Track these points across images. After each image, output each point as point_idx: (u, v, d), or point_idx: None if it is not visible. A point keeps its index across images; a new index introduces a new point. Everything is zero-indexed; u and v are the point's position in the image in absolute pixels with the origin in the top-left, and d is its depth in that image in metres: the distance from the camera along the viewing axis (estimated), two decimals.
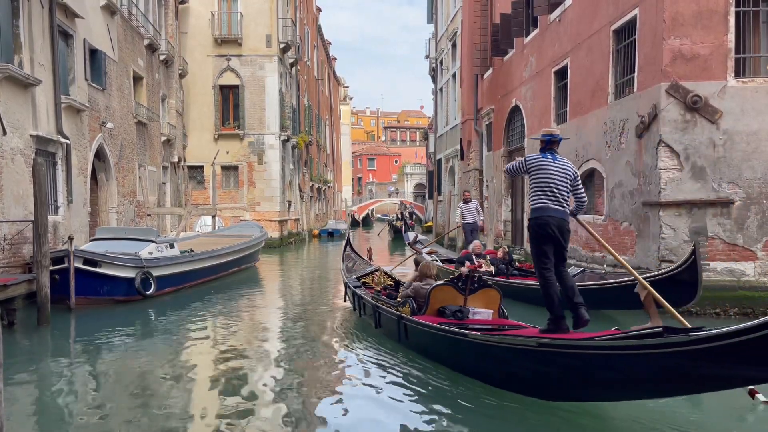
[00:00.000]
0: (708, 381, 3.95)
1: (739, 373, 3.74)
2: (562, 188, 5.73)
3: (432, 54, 30.94)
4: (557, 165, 5.78)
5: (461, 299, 6.70)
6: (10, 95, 10.50)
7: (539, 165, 5.79)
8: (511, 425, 4.81)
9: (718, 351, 3.61)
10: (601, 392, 4.62)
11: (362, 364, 6.67)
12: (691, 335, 3.76)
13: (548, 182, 5.71)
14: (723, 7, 9.23)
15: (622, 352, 4.12)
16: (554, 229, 5.64)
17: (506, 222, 18.21)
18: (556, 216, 5.65)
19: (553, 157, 5.82)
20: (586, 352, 4.34)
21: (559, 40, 13.59)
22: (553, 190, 5.70)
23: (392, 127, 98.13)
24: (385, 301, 7.73)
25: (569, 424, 4.72)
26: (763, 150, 9.18)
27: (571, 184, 5.82)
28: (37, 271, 9.15)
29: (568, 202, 5.78)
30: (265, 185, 26.23)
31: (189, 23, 25.57)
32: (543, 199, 5.72)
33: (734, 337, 3.53)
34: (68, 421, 5.07)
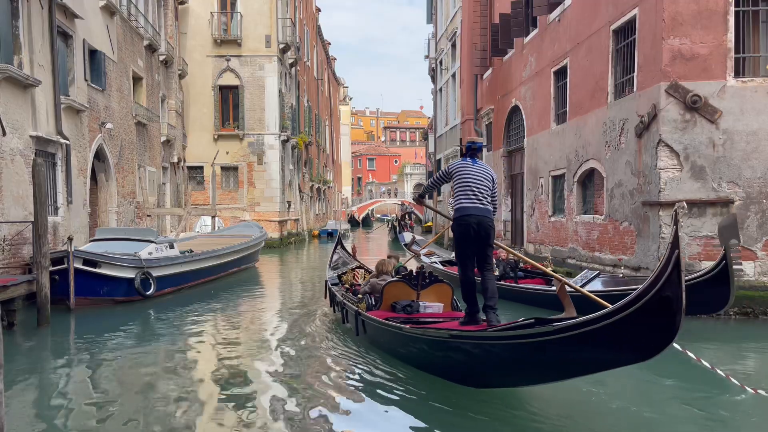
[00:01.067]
0: (579, 364, 4.31)
1: (600, 356, 4.13)
2: (483, 189, 5.96)
3: (431, 54, 30.96)
4: (477, 168, 6.07)
5: (414, 294, 7.03)
6: (10, 96, 10.50)
7: (459, 169, 6.09)
8: (442, 412, 5.05)
9: (579, 338, 3.99)
10: (505, 378, 5.03)
11: (328, 358, 6.95)
12: (555, 325, 4.13)
13: (468, 184, 5.97)
14: (722, 7, 9.23)
15: (503, 341, 4.58)
16: (475, 227, 5.86)
17: (506, 222, 18.22)
18: (477, 214, 5.87)
19: (473, 161, 6.13)
20: (479, 342, 4.83)
21: (559, 40, 13.60)
22: (473, 190, 5.94)
23: (392, 128, 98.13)
24: (350, 298, 8.01)
25: (496, 411, 5.02)
26: (762, 149, 9.19)
27: (491, 187, 6.05)
28: (37, 272, 9.15)
29: (488, 202, 6.00)
30: (265, 186, 26.22)
31: (188, 24, 25.58)
32: (463, 200, 5.95)
33: (589, 325, 3.92)
34: (68, 422, 5.07)
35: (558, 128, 13.79)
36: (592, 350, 4.09)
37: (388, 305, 7.05)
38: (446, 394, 5.33)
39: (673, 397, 5.57)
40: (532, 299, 9.79)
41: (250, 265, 17.40)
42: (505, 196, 18.15)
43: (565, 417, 5.05)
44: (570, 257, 12.77)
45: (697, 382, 6.01)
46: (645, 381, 5.91)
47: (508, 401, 5.17)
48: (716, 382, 5.79)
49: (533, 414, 5.03)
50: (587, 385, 5.53)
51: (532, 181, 15.60)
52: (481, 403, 5.09)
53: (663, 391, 5.74)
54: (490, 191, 6.02)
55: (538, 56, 15.00)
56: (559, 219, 13.71)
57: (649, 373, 6.01)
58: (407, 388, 5.65)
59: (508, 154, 17.98)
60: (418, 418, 4.98)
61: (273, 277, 16.93)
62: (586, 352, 4.12)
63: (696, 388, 5.84)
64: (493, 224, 6.03)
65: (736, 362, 7.04)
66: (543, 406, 5.19)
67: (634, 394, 5.70)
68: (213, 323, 9.63)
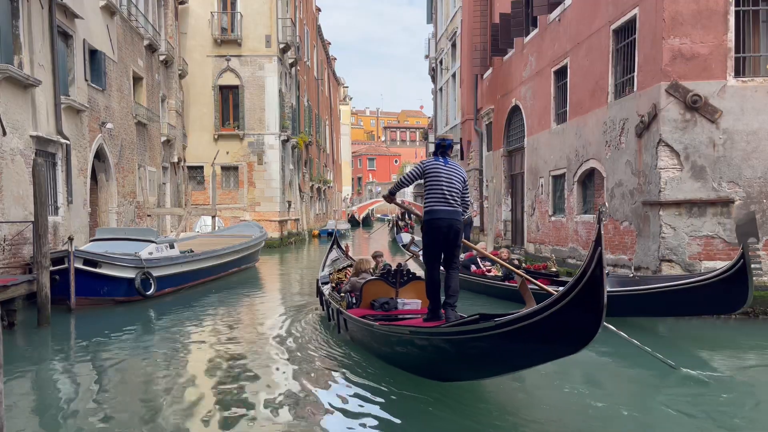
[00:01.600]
0: (521, 357, 4.62)
1: (536, 349, 4.39)
2: (454, 191, 6.04)
3: (432, 54, 30.95)
4: (448, 169, 6.11)
5: (393, 292, 7.28)
6: (10, 96, 10.51)
7: (432, 169, 6.11)
8: (409, 406, 5.28)
9: (517, 332, 4.27)
10: (460, 372, 5.25)
11: (311, 356, 7.08)
12: (496, 321, 4.41)
13: (440, 185, 6.03)
14: (723, 7, 9.23)
15: (452, 336, 4.85)
16: (445, 229, 5.99)
17: (506, 222, 18.22)
18: (446, 217, 5.98)
19: (445, 161, 6.17)
20: (433, 337, 5.07)
21: (559, 39, 13.60)
22: (444, 193, 6.01)
23: (392, 127, 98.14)
24: (334, 297, 8.17)
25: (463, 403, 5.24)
26: (763, 149, 9.18)
27: (461, 188, 6.13)
28: (37, 272, 9.15)
29: (458, 203, 6.08)
30: (265, 185, 26.23)
31: (188, 24, 25.57)
32: (433, 203, 6.04)
33: (525, 320, 4.21)
34: (68, 422, 5.07)
35: (558, 128, 13.79)
36: (530, 344, 4.34)
37: (367, 303, 7.22)
38: (416, 388, 5.54)
39: (611, 376, 6.34)
40: (539, 300, 9.69)
41: (250, 265, 17.40)
42: (505, 195, 18.15)
43: (524, 407, 5.37)
44: (570, 257, 12.77)
45: (636, 364, 6.60)
46: (583, 363, 6.44)
47: (471, 394, 5.41)
48: (652, 363, 6.24)
49: (491, 405, 5.31)
50: (545, 373, 5.97)
51: (532, 181, 15.60)
52: (445, 397, 5.30)
53: (602, 372, 6.54)
54: (461, 192, 6.10)
55: (539, 56, 15.00)
56: (559, 219, 13.71)
57: (591, 356, 6.72)
58: (380, 383, 5.82)
59: (509, 154, 17.98)
60: (387, 412, 5.14)
61: (273, 277, 16.93)
62: (524, 345, 4.38)
63: (633, 368, 6.54)
64: (462, 226, 6.16)
65: (734, 361, 7.04)
66: (502, 397, 5.52)
67: (576, 376, 6.28)
68: (213, 323, 9.63)
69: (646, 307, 8.19)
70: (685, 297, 7.68)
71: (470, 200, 6.41)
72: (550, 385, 5.89)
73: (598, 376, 6.47)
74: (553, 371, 6.03)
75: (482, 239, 19.77)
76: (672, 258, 9.32)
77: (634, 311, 8.21)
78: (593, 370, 6.56)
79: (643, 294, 8.12)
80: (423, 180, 6.17)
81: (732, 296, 7.36)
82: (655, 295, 7.98)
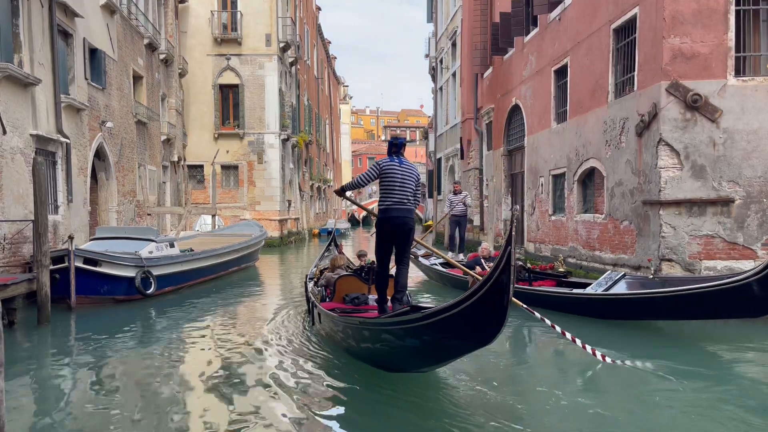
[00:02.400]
0: (447, 348, 4.90)
1: (457, 340, 4.71)
2: (407, 191, 6.28)
3: (432, 53, 30.92)
4: (403, 169, 6.35)
5: (365, 288, 7.58)
6: (10, 94, 10.50)
7: (388, 169, 6.32)
8: (365, 397, 5.58)
9: (439, 324, 4.58)
10: (399, 362, 5.52)
11: (287, 348, 7.37)
12: (422, 312, 4.75)
13: (394, 184, 6.26)
14: (723, 6, 9.22)
15: (389, 327, 5.16)
16: (398, 228, 6.25)
17: (506, 221, 18.21)
18: (400, 215, 6.25)
19: (399, 161, 6.40)
20: (374, 328, 5.42)
21: (559, 39, 13.59)
22: (397, 192, 6.25)
23: (392, 126, 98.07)
24: (314, 292, 8.38)
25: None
26: (763, 149, 9.18)
27: (414, 187, 6.39)
28: (37, 271, 9.15)
29: (412, 202, 6.36)
30: (265, 184, 26.23)
31: (189, 22, 25.56)
32: (387, 202, 6.28)
33: (444, 313, 4.51)
34: (69, 420, 5.08)
35: (558, 127, 13.79)
36: (450, 335, 4.65)
37: (340, 297, 7.54)
38: (371, 380, 5.80)
39: (541, 366, 6.69)
40: (549, 302, 9.00)
41: (250, 264, 17.40)
42: (505, 195, 18.15)
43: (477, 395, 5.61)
44: (570, 256, 12.77)
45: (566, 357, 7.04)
46: (506, 352, 7.06)
47: (421, 388, 5.60)
48: (581, 354, 6.36)
49: (443, 398, 5.49)
50: (496, 360, 6.62)
51: (532, 180, 15.60)
52: (397, 389, 5.53)
53: (529, 363, 6.94)
54: (413, 190, 6.37)
55: (539, 55, 14.99)
56: (559, 218, 13.71)
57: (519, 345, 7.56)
58: (342, 374, 6.15)
59: (509, 153, 17.97)
60: (341, 404, 5.41)
61: (272, 276, 16.93)
62: (445, 337, 4.69)
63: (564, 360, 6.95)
64: (414, 224, 6.42)
65: (733, 361, 7.04)
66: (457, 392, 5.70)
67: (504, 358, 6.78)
68: (213, 322, 9.63)
69: (670, 311, 7.74)
70: (714, 299, 7.19)
71: (420, 197, 6.53)
72: (517, 382, 6.20)
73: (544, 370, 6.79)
74: (515, 367, 6.57)
75: (482, 238, 19.77)
76: (672, 257, 9.32)
77: (657, 314, 7.90)
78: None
79: (666, 297, 7.64)
80: (379, 180, 6.39)
81: (758, 302, 6.90)
82: (680, 298, 7.48)
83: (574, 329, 7.69)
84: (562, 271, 10.24)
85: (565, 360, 7.19)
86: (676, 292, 7.53)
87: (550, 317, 6.73)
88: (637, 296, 8.04)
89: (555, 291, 9.40)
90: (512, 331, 8.31)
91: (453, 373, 6.04)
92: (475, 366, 6.33)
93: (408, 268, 6.57)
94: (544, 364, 7.15)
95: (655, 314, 7.99)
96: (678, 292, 7.51)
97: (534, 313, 6.40)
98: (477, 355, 6.09)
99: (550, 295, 9.27)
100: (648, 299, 7.89)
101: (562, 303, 8.97)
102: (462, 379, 5.94)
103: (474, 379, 5.95)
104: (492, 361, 6.70)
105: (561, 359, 7.26)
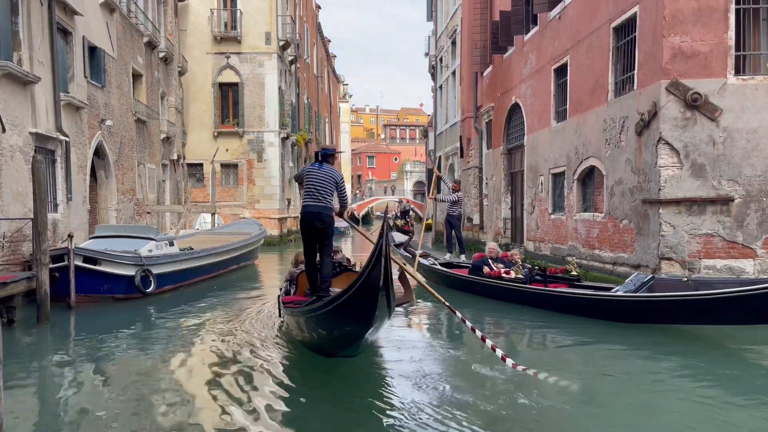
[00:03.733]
0: (346, 331, 5.74)
1: (347, 327, 5.64)
2: (323, 191, 7.09)
3: (432, 52, 30.92)
4: (322, 172, 7.19)
5: None
6: (10, 93, 10.49)
7: (308, 173, 7.27)
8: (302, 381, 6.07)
9: (330, 313, 5.49)
10: (324, 346, 6.25)
11: (256, 341, 7.67)
12: (322, 301, 5.71)
13: (313, 185, 7.10)
14: (723, 5, 9.22)
15: (301, 316, 6.22)
16: (314, 222, 7.02)
17: (506, 220, 18.22)
18: (315, 210, 7.04)
19: (320, 166, 7.25)
20: (297, 316, 6.36)
21: (559, 37, 13.58)
22: (314, 193, 7.09)
23: (392, 125, 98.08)
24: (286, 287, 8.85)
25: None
26: (762, 148, 9.19)
27: (336, 187, 7.20)
28: (37, 269, 9.15)
29: (330, 201, 7.16)
30: (265, 183, 26.22)
31: (188, 21, 25.54)
32: (307, 200, 7.12)
33: (333, 302, 5.41)
34: (68, 419, 5.08)
35: (558, 126, 13.78)
36: (340, 320, 5.53)
37: (302, 291, 7.93)
38: (315, 363, 6.32)
39: (448, 364, 6.68)
40: (571, 305, 8.51)
41: (249, 263, 17.39)
42: (504, 193, 18.16)
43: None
44: (570, 255, 12.77)
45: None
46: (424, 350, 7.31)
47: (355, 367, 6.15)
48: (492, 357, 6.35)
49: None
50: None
51: (532, 179, 15.60)
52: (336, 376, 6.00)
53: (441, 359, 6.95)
54: (332, 191, 7.16)
55: (539, 54, 14.98)
56: (559, 217, 13.71)
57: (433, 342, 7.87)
58: (292, 361, 6.70)
59: (508, 152, 17.97)
60: (291, 389, 5.74)
61: (271, 274, 16.90)
62: (337, 322, 5.59)
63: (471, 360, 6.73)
64: (332, 220, 7.15)
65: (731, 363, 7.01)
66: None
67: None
68: (212, 321, 9.62)
69: (710, 315, 7.11)
70: (762, 303, 6.53)
71: (346, 198, 7.73)
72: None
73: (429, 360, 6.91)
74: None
75: (482, 237, 19.78)
76: (672, 256, 9.33)
77: (694, 319, 7.28)
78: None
79: (709, 300, 7.02)
80: (303, 181, 7.26)
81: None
82: (722, 302, 6.85)
83: (599, 334, 7.69)
84: (574, 274, 9.54)
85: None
86: (718, 295, 6.86)
87: (573, 322, 6.77)
88: (674, 299, 7.35)
89: (579, 293, 8.64)
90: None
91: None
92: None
93: (330, 259, 7.23)
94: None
95: (692, 318, 7.31)
96: (720, 295, 6.84)
97: (444, 302, 7.09)
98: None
99: (571, 297, 8.60)
100: (689, 302, 7.24)
101: (587, 306, 8.36)
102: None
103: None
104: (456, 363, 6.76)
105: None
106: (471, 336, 6.91)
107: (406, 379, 5.89)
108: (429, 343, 7.96)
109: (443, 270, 11.77)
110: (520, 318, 8.91)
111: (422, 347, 7.54)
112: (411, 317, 9.40)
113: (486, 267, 10.17)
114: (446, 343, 7.93)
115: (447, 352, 7.26)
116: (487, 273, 10.11)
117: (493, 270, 10.02)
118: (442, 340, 8.11)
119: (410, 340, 7.93)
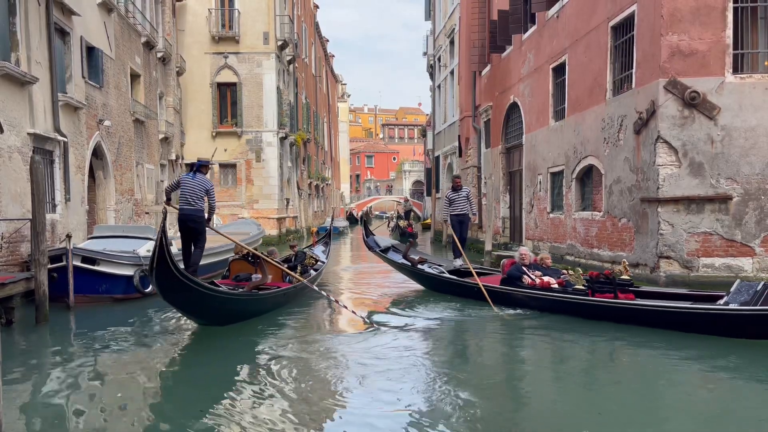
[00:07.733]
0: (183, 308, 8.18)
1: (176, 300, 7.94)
2: (194, 196, 8.95)
3: (430, 51, 30.91)
4: (193, 182, 9.01)
5: (252, 269, 9.61)
6: (7, 93, 10.47)
7: (182, 182, 9.07)
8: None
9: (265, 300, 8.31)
10: (213, 318, 8.27)
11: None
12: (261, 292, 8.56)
13: (185, 192, 8.92)
14: (721, 3, 9.23)
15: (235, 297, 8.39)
16: (188, 222, 9.03)
17: (504, 219, 18.23)
18: (188, 213, 8.98)
19: (193, 176, 9.10)
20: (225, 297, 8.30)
21: (557, 36, 13.59)
22: (187, 197, 8.93)
23: (390, 125, 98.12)
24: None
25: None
26: (761, 146, 9.20)
27: (205, 194, 9.00)
28: (35, 270, 9.13)
29: (201, 205, 9.01)
30: (263, 183, 26.20)
31: (186, 21, 25.50)
32: (182, 203, 8.98)
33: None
34: (67, 419, 5.07)
35: (556, 125, 13.79)
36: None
37: (234, 276, 9.82)
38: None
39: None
40: (669, 320, 7.32)
41: None
42: (503, 192, 18.16)
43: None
44: (568, 254, 12.79)
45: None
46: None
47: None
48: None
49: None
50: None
51: (530, 178, 15.61)
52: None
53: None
54: (203, 197, 8.96)
55: (537, 53, 14.99)
56: (557, 215, 13.72)
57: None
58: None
59: (507, 151, 17.98)
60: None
61: None
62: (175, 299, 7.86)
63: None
64: (201, 219, 9.07)
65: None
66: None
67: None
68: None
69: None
70: None
71: (214, 203, 9.25)
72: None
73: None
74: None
75: (481, 236, 19.78)
76: (670, 255, 9.34)
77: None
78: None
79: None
80: (179, 188, 9.00)
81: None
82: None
83: (703, 349, 6.61)
84: (625, 278, 8.07)
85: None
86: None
87: (679, 338, 6.70)
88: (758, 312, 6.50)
89: (689, 307, 7.29)
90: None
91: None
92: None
93: (201, 251, 9.26)
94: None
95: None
96: None
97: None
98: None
99: (677, 312, 7.26)
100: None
101: (689, 321, 7.12)
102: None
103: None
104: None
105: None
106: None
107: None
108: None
109: (448, 278, 10.67)
110: (579, 337, 7.63)
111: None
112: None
113: (526, 277, 8.98)
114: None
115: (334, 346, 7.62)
116: (530, 284, 8.87)
117: (533, 280, 8.87)
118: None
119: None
